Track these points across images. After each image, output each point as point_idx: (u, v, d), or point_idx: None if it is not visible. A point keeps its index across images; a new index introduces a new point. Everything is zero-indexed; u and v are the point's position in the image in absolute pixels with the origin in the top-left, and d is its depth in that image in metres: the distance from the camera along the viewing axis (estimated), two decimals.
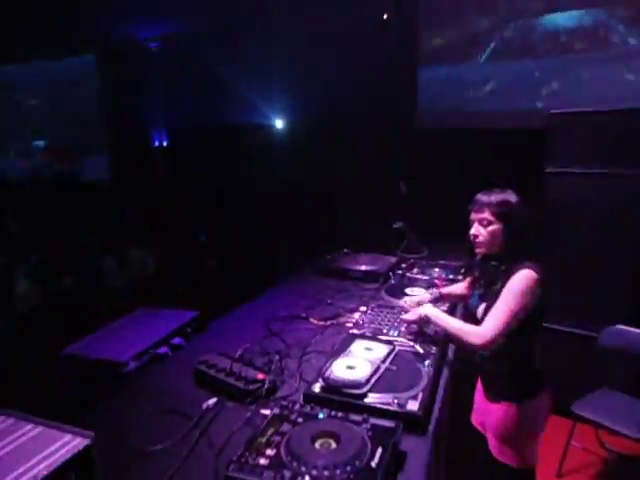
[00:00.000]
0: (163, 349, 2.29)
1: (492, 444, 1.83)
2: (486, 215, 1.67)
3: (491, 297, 1.67)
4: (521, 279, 1.60)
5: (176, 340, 2.38)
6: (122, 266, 5.33)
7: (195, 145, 6.73)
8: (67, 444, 0.95)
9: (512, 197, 1.70)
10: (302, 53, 5.58)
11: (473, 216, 1.73)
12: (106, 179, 7.62)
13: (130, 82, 7.10)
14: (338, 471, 1.08)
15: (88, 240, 5.74)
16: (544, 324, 1.83)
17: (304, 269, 3.22)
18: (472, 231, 1.72)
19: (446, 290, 2.12)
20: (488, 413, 1.84)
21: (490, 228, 1.67)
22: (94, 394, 1.82)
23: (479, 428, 1.97)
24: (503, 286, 1.62)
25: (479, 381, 1.94)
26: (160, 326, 2.47)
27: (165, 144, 7.50)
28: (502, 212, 1.66)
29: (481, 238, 1.69)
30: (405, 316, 1.90)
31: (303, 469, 1.09)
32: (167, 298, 4.69)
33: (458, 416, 1.99)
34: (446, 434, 1.67)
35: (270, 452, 1.16)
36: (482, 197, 1.71)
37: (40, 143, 8.02)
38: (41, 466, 0.89)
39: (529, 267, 1.61)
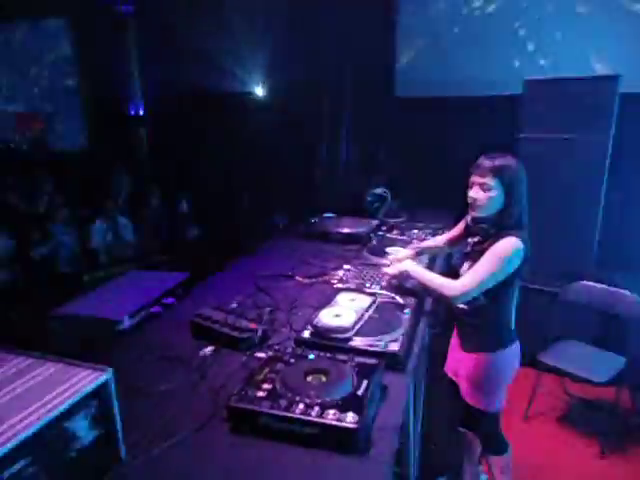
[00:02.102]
0: (156, 308, 2.39)
1: (464, 389, 2.01)
2: (487, 180, 1.70)
3: (475, 257, 1.77)
4: (506, 245, 1.68)
5: (168, 300, 2.48)
6: (103, 235, 5.34)
7: (173, 113, 6.64)
8: (87, 377, 1.06)
9: (513, 163, 1.73)
10: (283, 19, 5.53)
11: (474, 179, 1.75)
12: (83, 147, 7.50)
13: (102, 48, 6.92)
14: (328, 399, 1.22)
15: (65, 208, 5.70)
16: None
17: (285, 233, 3.32)
18: (471, 194, 1.76)
19: (426, 243, 2.25)
20: (462, 362, 2.00)
21: (490, 193, 1.71)
22: (92, 348, 1.92)
23: (452, 376, 2.15)
24: (488, 248, 1.72)
25: (455, 334, 2.09)
26: (152, 287, 2.56)
27: (141, 112, 7.39)
28: (504, 179, 1.69)
29: (479, 202, 1.73)
30: (387, 269, 2.03)
31: (297, 398, 1.22)
32: (149, 267, 4.76)
33: (434, 363, 2.17)
34: (424, 376, 1.83)
35: (267, 386, 1.29)
36: (485, 161, 1.73)
37: (8, 108, 7.76)
38: (66, 395, 0.99)
39: (516, 235, 1.69)
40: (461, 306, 1.88)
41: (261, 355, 1.50)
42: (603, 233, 3.16)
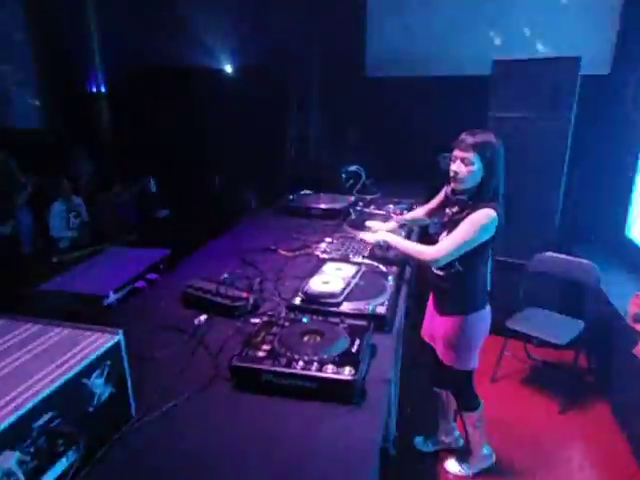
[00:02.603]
0: (140, 283, 2.42)
1: (440, 351, 2.14)
2: (469, 155, 1.79)
3: (453, 226, 1.87)
4: (482, 216, 1.79)
5: (151, 275, 2.51)
6: (63, 217, 5.20)
7: (137, 90, 6.48)
8: (99, 339, 1.11)
9: (494, 139, 1.83)
10: None
11: (456, 153, 1.84)
12: (41, 127, 7.22)
13: (58, 18, 6.62)
14: (325, 356, 1.31)
15: (25, 191, 5.52)
16: None
17: (263, 211, 3.37)
18: (453, 167, 1.85)
19: (407, 216, 2.34)
20: (439, 326, 2.13)
21: (471, 168, 1.80)
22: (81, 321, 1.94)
23: (427, 340, 2.29)
24: (466, 217, 1.83)
25: (432, 300, 2.21)
26: (134, 263, 2.58)
27: (103, 89, 7.15)
28: (484, 154, 1.79)
29: (460, 175, 1.82)
30: (364, 236, 2.12)
31: (296, 356, 1.31)
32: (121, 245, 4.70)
33: (413, 325, 2.30)
34: (404, 336, 1.95)
35: (266, 347, 1.37)
36: (468, 137, 1.81)
37: None
38: (81, 355, 1.04)
39: (493, 207, 1.80)
40: (438, 273, 1.99)
41: (256, 320, 1.58)
42: (564, 208, 3.36)
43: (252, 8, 5.51)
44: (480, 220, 1.79)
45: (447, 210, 1.98)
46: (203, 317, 1.71)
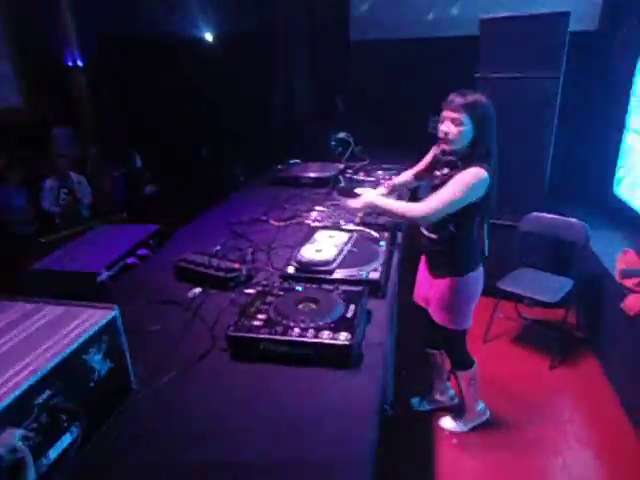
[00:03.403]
0: (131, 259, 2.40)
1: (435, 313, 2.17)
2: (459, 115, 1.77)
3: (441, 185, 1.84)
4: (471, 174, 1.75)
5: (142, 251, 2.49)
6: (55, 195, 5.14)
7: (117, 62, 6.30)
8: (96, 315, 1.10)
9: (484, 99, 1.80)
10: None
11: (446, 114, 1.81)
12: (17, 105, 7.00)
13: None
14: (321, 322, 1.32)
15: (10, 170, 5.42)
16: None
17: (253, 182, 3.34)
18: (443, 128, 1.82)
19: (396, 180, 2.32)
20: (431, 288, 2.15)
21: (461, 128, 1.78)
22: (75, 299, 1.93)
23: (421, 304, 2.31)
24: (453, 176, 1.81)
25: (425, 264, 2.22)
26: (125, 239, 2.55)
27: (80, 63, 6.93)
28: (474, 114, 1.77)
29: (451, 136, 1.80)
30: (351, 202, 2.09)
31: (292, 324, 1.32)
32: (111, 222, 4.66)
33: (405, 290, 2.32)
34: (397, 300, 1.97)
35: (262, 316, 1.37)
36: (457, 98, 1.78)
37: None
38: (79, 330, 1.04)
39: (483, 167, 1.77)
40: (431, 236, 1.99)
41: (250, 291, 1.58)
42: (553, 167, 3.36)
43: None
44: (470, 178, 1.76)
45: (436, 172, 1.96)
46: (197, 290, 1.71)
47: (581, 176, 3.83)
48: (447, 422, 2.53)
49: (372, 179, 2.80)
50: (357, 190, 2.55)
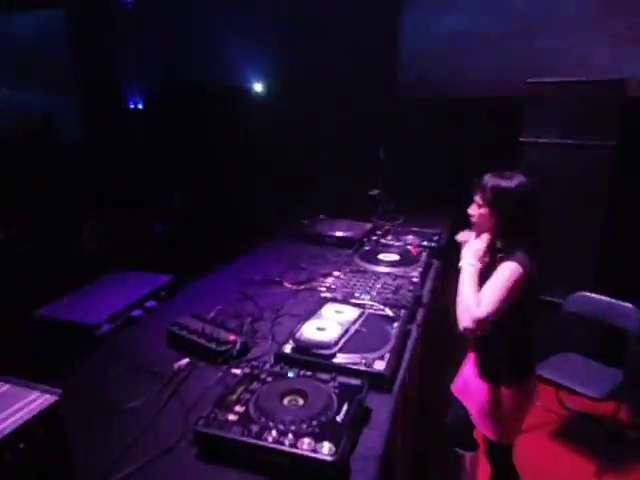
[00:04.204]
0: (137, 312, 2.31)
1: (474, 416, 1.90)
2: (478, 198, 1.71)
3: (483, 280, 1.65)
4: (505, 273, 1.58)
5: (150, 303, 2.40)
6: (95, 231, 5.25)
7: (171, 108, 6.55)
8: (35, 401, 0.96)
9: (512, 183, 1.64)
10: (285, 15, 5.44)
11: (475, 196, 1.74)
12: (78, 142, 7.37)
13: (101, 40, 6.79)
14: (304, 425, 1.12)
15: (58, 205, 5.62)
16: None
17: (280, 234, 3.23)
18: (469, 210, 1.76)
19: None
20: (474, 387, 1.89)
21: (481, 211, 1.71)
22: (67, 355, 1.83)
23: (459, 396, 2.03)
24: (492, 273, 1.62)
25: (471, 355, 1.96)
26: (134, 289, 2.48)
27: (140, 107, 7.27)
28: (491, 198, 1.65)
29: (473, 218, 1.75)
30: (460, 236, 1.94)
31: (271, 424, 1.13)
32: (141, 264, 4.67)
33: (430, 380, 2.06)
34: (414, 394, 1.73)
35: (239, 409, 1.19)
36: (484, 178, 1.71)
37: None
38: (7, 422, 0.90)
39: (518, 260, 1.58)
40: None
41: (236, 371, 1.41)
42: (605, 242, 3.06)
43: (286, 27, 5.48)
44: (502, 278, 1.57)
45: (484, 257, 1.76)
46: (184, 361, 1.55)
47: (638, 254, 3.47)
48: None
49: (400, 243, 2.60)
50: (380, 256, 2.36)
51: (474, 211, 1.74)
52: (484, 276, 1.66)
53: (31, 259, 4.92)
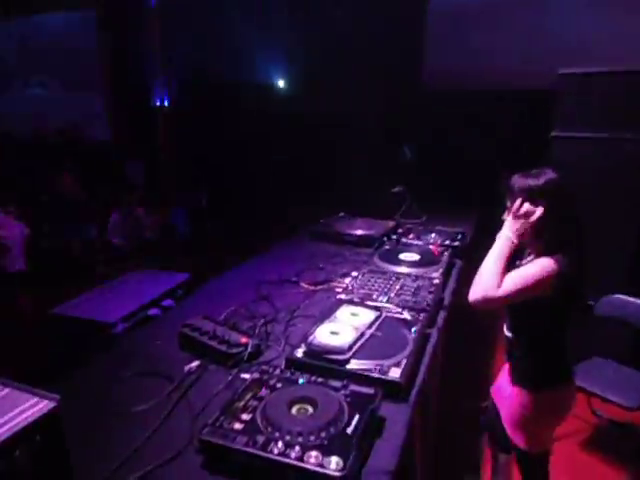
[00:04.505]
0: (154, 310, 2.29)
1: (505, 421, 1.81)
2: (510, 203, 1.62)
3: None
4: (537, 266, 1.52)
5: (167, 302, 2.38)
6: (120, 227, 5.32)
7: (196, 105, 6.58)
8: (33, 407, 0.93)
9: (540, 181, 1.56)
10: (306, 11, 5.39)
11: (507, 201, 1.66)
12: (106, 140, 7.49)
13: (130, 39, 6.88)
14: (312, 437, 1.06)
15: (86, 202, 5.73)
16: None
17: (300, 232, 3.18)
18: (503, 216, 1.67)
19: None
20: (506, 393, 1.81)
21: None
22: (80, 354, 1.82)
23: (495, 398, 1.95)
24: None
25: (505, 365, 1.88)
26: (151, 288, 2.47)
27: (166, 103, 7.33)
28: (522, 200, 1.56)
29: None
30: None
31: (277, 435, 1.07)
32: (165, 260, 4.71)
33: (453, 386, 1.97)
34: (435, 404, 1.66)
35: (246, 417, 1.14)
36: (511, 181, 1.62)
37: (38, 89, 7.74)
38: (3, 429, 0.87)
39: (555, 258, 1.51)
40: (508, 335, 1.73)
41: (246, 376, 1.36)
42: None
43: (314, 25, 5.43)
44: (536, 268, 1.51)
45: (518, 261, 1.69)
46: (195, 363, 1.52)
47: None
48: None
49: (421, 243, 2.52)
50: (401, 256, 2.28)
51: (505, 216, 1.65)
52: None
53: (59, 255, 5.02)
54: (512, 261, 1.68)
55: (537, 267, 1.51)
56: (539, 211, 1.54)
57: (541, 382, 1.68)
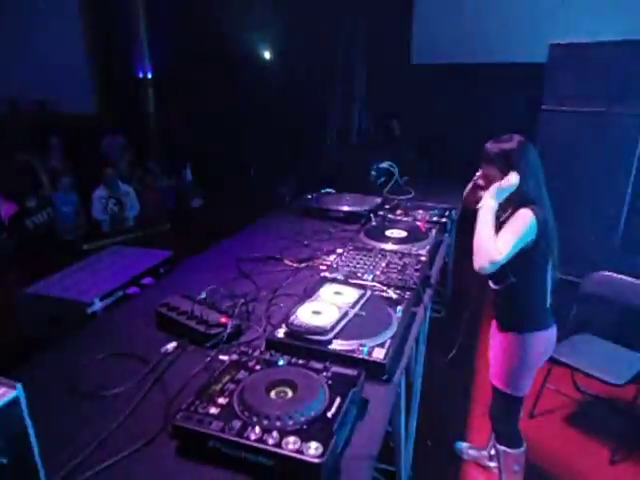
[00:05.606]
0: (132, 289, 2.22)
1: (491, 370, 1.96)
2: (487, 167, 1.78)
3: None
4: (520, 218, 1.66)
5: (146, 280, 2.31)
6: (104, 204, 5.19)
7: (180, 77, 6.39)
8: None
9: (513, 144, 1.72)
10: None
11: (481, 166, 1.84)
12: (90, 111, 7.26)
13: (112, 10, 6.61)
14: (291, 422, 1.02)
15: (65, 177, 5.55)
16: None
17: (286, 208, 3.10)
18: (478, 180, 1.89)
19: None
20: (493, 343, 1.97)
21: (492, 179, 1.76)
22: (54, 333, 1.75)
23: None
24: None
25: (494, 317, 2.00)
26: (132, 265, 2.39)
27: (150, 75, 7.10)
28: (499, 163, 1.73)
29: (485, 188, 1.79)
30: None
31: (254, 419, 1.03)
32: (149, 235, 4.61)
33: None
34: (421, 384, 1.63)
35: (222, 401, 1.09)
36: (485, 148, 1.78)
37: None
38: None
39: (531, 208, 1.66)
40: (494, 287, 1.86)
41: (224, 358, 1.31)
42: (629, 219, 2.87)
43: None
44: (520, 220, 1.65)
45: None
46: (172, 345, 1.46)
47: None
48: None
49: (408, 219, 2.46)
50: (387, 232, 2.23)
51: (480, 181, 1.84)
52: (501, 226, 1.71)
53: (43, 230, 4.89)
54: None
55: (520, 219, 1.65)
56: (516, 176, 1.69)
57: (525, 324, 1.82)
